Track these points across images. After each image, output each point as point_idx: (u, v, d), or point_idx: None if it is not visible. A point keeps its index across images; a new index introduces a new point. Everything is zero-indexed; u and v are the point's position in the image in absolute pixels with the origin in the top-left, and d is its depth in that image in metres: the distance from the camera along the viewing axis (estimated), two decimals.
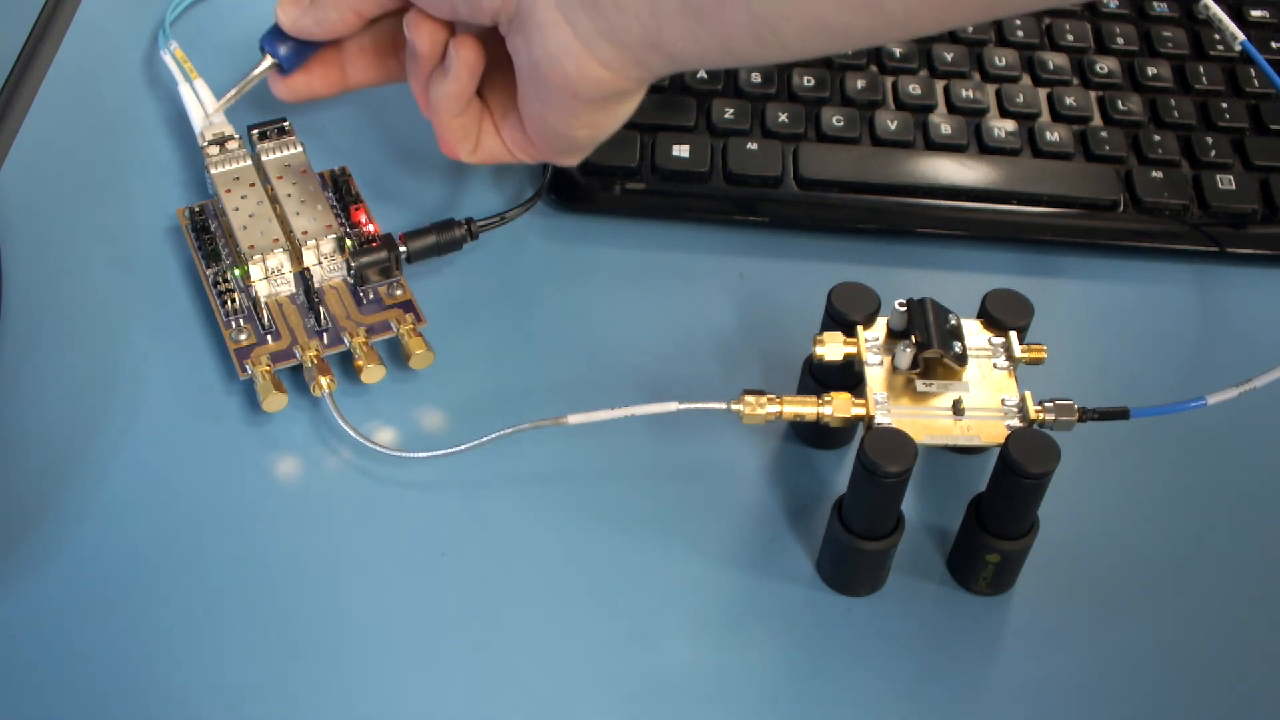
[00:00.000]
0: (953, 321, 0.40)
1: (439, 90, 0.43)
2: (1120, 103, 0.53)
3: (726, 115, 0.51)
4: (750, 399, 0.39)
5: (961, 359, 0.39)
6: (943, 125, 0.51)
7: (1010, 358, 0.40)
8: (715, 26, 0.37)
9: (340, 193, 0.47)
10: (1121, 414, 0.39)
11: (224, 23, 0.56)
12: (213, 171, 0.46)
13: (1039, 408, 0.38)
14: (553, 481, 0.43)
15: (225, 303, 0.44)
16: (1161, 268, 0.50)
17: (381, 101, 0.54)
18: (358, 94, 0.55)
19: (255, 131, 0.47)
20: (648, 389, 0.44)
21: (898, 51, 0.54)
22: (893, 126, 0.51)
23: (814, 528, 0.42)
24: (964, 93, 0.52)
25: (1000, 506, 0.38)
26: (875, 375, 0.39)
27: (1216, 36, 0.55)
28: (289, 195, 0.46)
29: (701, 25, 0.37)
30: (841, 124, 0.51)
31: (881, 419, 0.38)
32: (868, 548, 0.39)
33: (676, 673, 0.39)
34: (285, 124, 0.48)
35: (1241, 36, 0.48)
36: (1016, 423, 0.38)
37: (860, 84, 0.52)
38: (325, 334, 0.44)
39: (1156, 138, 0.51)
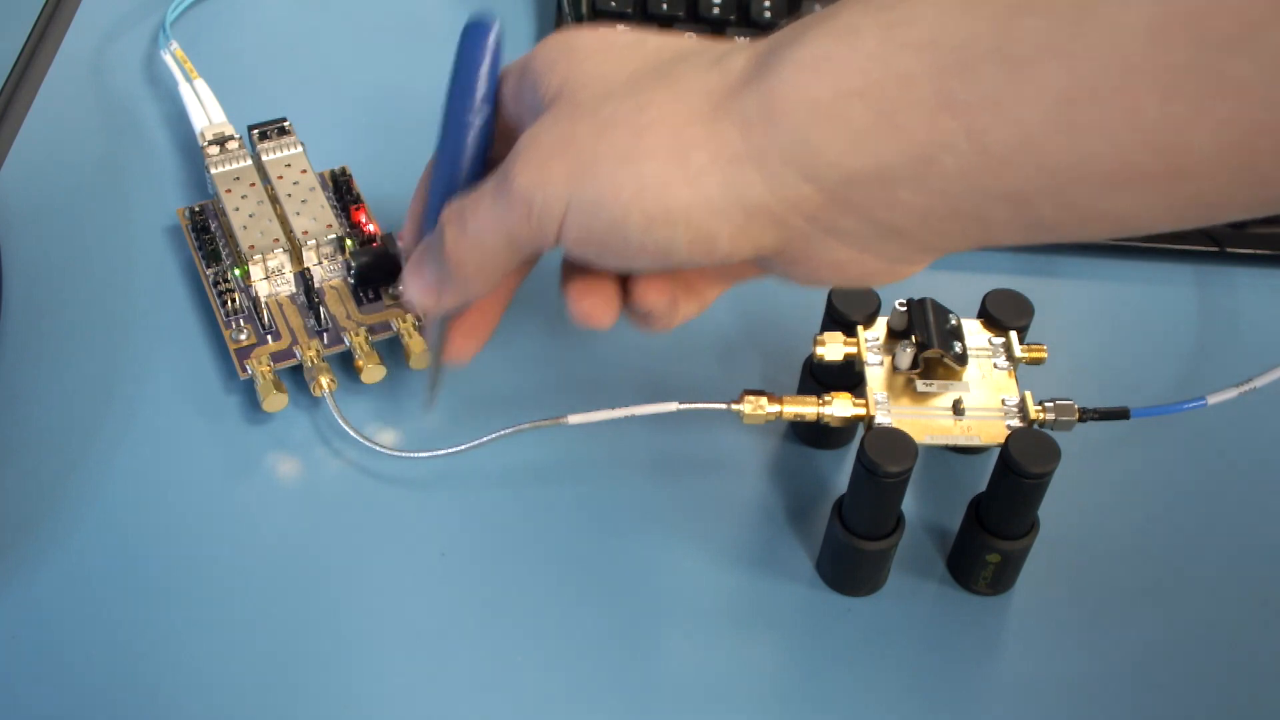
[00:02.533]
0: (953, 321, 0.40)
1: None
2: None
3: None
4: (750, 399, 0.39)
5: (961, 359, 0.39)
6: None
7: (1010, 358, 0.40)
8: (1062, 235, 0.31)
9: (340, 193, 0.47)
10: (1121, 414, 0.39)
11: (224, 23, 0.56)
12: (213, 171, 0.46)
13: (1039, 408, 0.38)
14: (553, 481, 0.43)
15: (225, 303, 0.44)
16: (1161, 268, 0.50)
17: (381, 101, 0.54)
18: (355, 95, 0.55)
19: (255, 131, 0.47)
20: (648, 389, 0.44)
21: None
22: None
23: (814, 528, 0.42)
24: None
25: (1000, 506, 0.38)
26: (875, 375, 0.39)
27: None
28: (289, 195, 0.46)
29: (1050, 232, 0.31)
30: None
31: (881, 419, 0.38)
32: (868, 548, 0.39)
33: (676, 673, 0.39)
34: (285, 124, 0.48)
35: None
36: (1016, 423, 0.38)
37: None
38: (325, 334, 0.44)
39: None
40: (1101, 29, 0.26)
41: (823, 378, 0.42)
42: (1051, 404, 0.39)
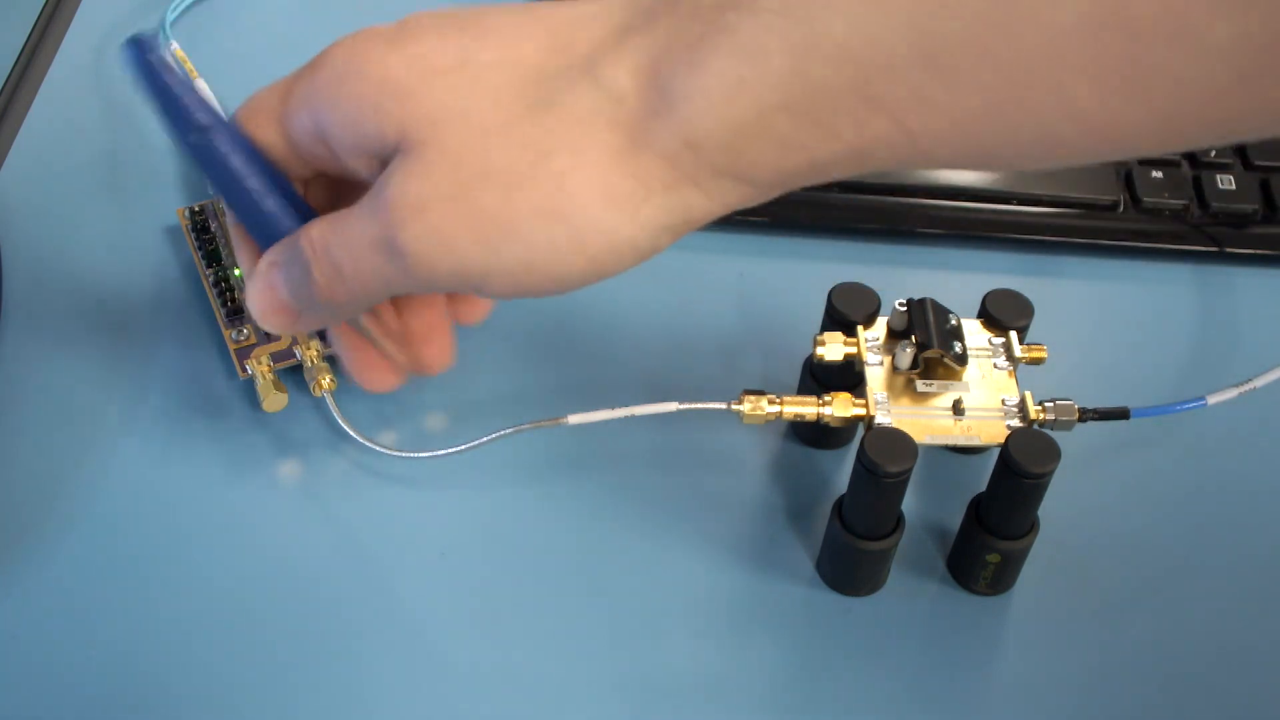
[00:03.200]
0: (953, 321, 0.40)
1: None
2: None
3: None
4: (750, 399, 0.39)
5: (961, 359, 0.39)
6: None
7: (1010, 358, 0.40)
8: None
9: None
10: (1121, 414, 0.39)
11: (224, 23, 0.56)
12: None
13: (1039, 408, 0.38)
14: (553, 481, 0.43)
15: (225, 303, 0.44)
16: (1161, 268, 0.50)
17: None
18: None
19: None
20: (648, 389, 0.44)
21: None
22: None
23: (814, 528, 0.42)
24: None
25: (1000, 506, 0.38)
26: (875, 375, 0.39)
27: None
28: None
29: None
30: None
31: (881, 419, 0.38)
32: (868, 548, 0.39)
33: (676, 673, 0.39)
34: None
35: None
36: (1016, 423, 0.38)
37: None
38: (325, 334, 0.44)
39: None
40: (1030, 27, 0.26)
41: (823, 378, 0.42)
42: (1051, 404, 0.39)
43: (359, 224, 0.31)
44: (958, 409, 0.38)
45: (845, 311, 0.40)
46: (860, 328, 0.40)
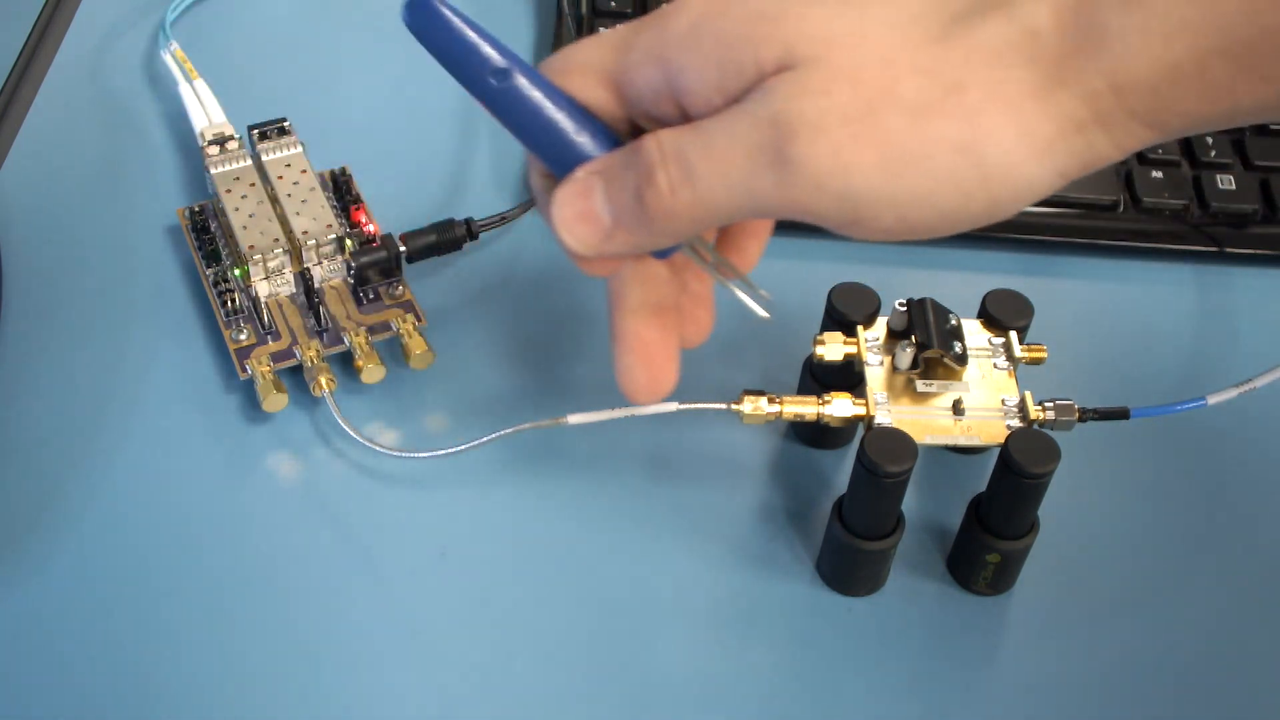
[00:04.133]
0: (953, 321, 0.40)
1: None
2: None
3: None
4: (750, 399, 0.39)
5: (961, 359, 0.39)
6: None
7: (1010, 358, 0.40)
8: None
9: (340, 193, 0.47)
10: (1121, 414, 0.39)
11: (224, 23, 0.56)
12: (213, 171, 0.46)
13: (1039, 408, 0.38)
14: (553, 481, 0.43)
15: (225, 303, 0.44)
16: (1161, 268, 0.50)
17: (381, 101, 0.54)
18: (355, 95, 0.55)
19: (255, 131, 0.47)
20: None
21: None
22: None
23: (814, 528, 0.42)
24: None
25: (1000, 506, 0.38)
26: (875, 375, 0.39)
27: None
28: (289, 195, 0.46)
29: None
30: None
31: (881, 419, 0.38)
32: (868, 548, 0.39)
33: (676, 673, 0.39)
34: (285, 124, 0.48)
35: None
36: (1016, 423, 0.38)
37: None
38: (325, 334, 0.44)
39: None
40: None
41: (823, 378, 0.42)
42: (1051, 404, 0.39)
43: (733, 128, 0.29)
44: (958, 409, 0.38)
45: (845, 311, 0.41)
46: (860, 328, 0.40)
